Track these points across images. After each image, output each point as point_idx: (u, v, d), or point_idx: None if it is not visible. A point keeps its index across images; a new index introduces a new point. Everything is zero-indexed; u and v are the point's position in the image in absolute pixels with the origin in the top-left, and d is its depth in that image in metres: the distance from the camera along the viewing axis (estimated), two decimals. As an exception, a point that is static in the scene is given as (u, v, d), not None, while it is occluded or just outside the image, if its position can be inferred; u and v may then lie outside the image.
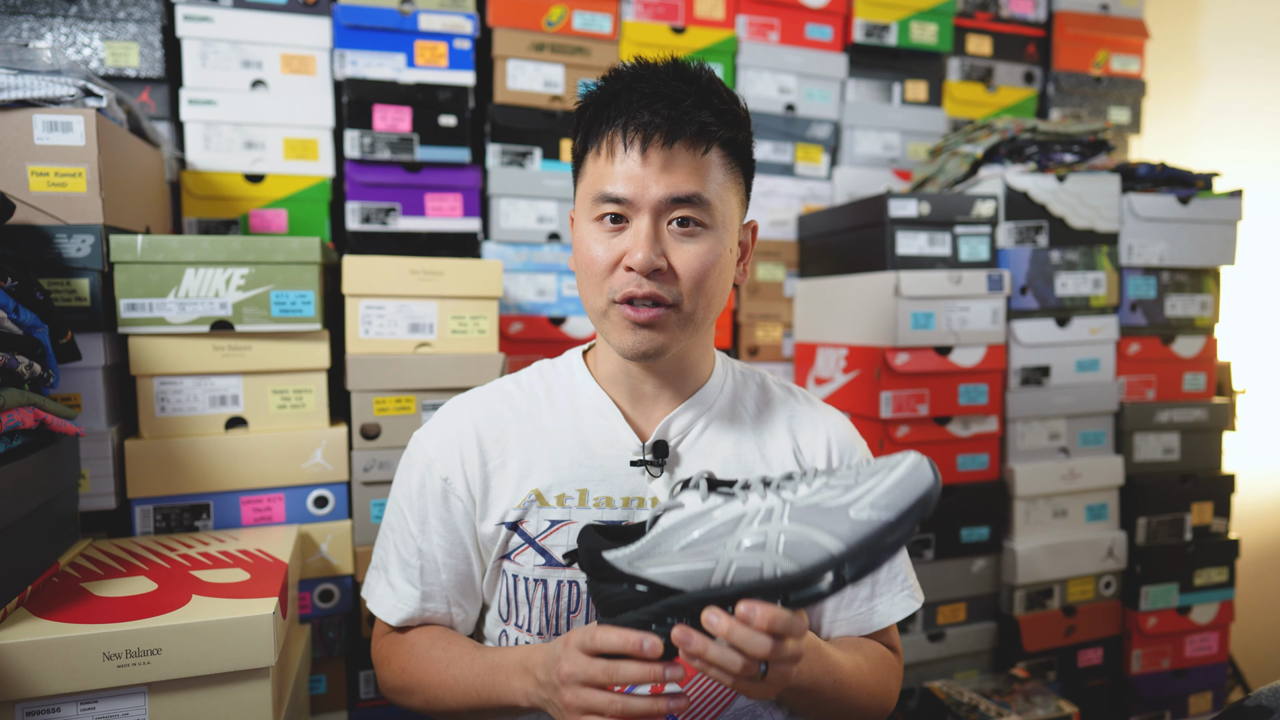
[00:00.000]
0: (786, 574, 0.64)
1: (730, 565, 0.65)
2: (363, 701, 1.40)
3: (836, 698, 0.82)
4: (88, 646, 0.82)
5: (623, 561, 0.69)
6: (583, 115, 0.86)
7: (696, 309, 0.84)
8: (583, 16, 1.69)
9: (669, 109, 0.80)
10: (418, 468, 0.92)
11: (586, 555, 0.71)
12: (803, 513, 0.65)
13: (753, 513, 0.66)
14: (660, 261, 0.81)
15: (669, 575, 0.67)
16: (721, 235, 0.84)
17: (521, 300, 1.68)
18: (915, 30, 1.92)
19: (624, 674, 0.68)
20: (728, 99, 0.85)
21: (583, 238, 0.85)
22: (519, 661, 0.80)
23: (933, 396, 1.57)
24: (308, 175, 1.56)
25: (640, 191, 0.80)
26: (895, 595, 0.93)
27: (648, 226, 0.81)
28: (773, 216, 1.88)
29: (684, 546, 0.67)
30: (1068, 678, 1.71)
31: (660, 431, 0.90)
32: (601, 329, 0.87)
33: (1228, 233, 1.74)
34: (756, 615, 0.63)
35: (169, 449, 1.19)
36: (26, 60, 1.11)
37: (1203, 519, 1.76)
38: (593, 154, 0.85)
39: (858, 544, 0.62)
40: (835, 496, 0.65)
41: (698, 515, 0.68)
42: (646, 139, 0.80)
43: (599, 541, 0.71)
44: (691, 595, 0.67)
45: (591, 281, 0.85)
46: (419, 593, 0.91)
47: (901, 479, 0.63)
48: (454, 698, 0.85)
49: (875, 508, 0.63)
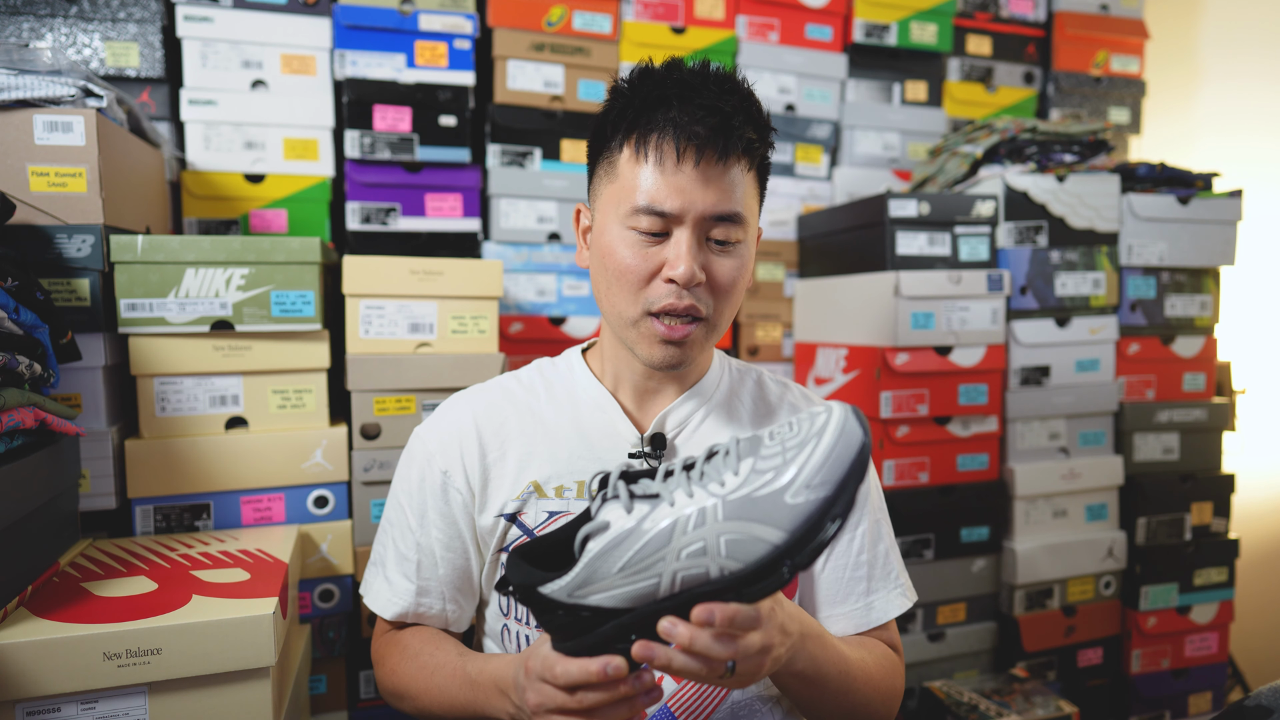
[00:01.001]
0: (734, 573, 0.62)
1: (675, 575, 0.63)
2: (363, 701, 1.40)
3: (842, 690, 0.82)
4: (88, 646, 0.83)
5: (561, 594, 0.65)
6: (624, 114, 0.83)
7: (722, 319, 0.87)
8: (583, 16, 1.69)
9: (722, 124, 0.79)
10: (417, 462, 0.92)
11: (521, 591, 0.67)
12: (737, 507, 0.61)
13: (684, 519, 0.62)
14: (702, 275, 0.82)
15: (614, 599, 0.64)
16: (750, 247, 0.87)
17: (521, 300, 1.68)
18: (915, 30, 1.92)
19: (593, 700, 0.67)
20: (765, 114, 0.86)
21: (614, 244, 0.83)
22: (494, 681, 0.79)
23: (933, 396, 1.57)
24: (308, 175, 1.56)
25: (687, 205, 0.80)
26: (891, 592, 0.93)
27: (691, 238, 0.81)
28: (773, 216, 1.88)
29: (622, 568, 0.63)
30: (1068, 678, 1.71)
31: (658, 424, 0.91)
32: (627, 338, 0.86)
33: (1227, 233, 1.74)
34: (716, 618, 0.61)
35: (169, 449, 1.19)
36: (27, 60, 1.11)
37: (1202, 519, 1.76)
38: (633, 155, 0.82)
39: (801, 528, 0.60)
40: (768, 482, 0.61)
41: (628, 533, 0.64)
42: (699, 152, 0.79)
43: (530, 575, 0.67)
44: (642, 611, 0.64)
45: (624, 290, 0.83)
46: (415, 587, 0.92)
47: (832, 446, 0.60)
48: (440, 708, 0.86)
49: (810, 487, 0.59)
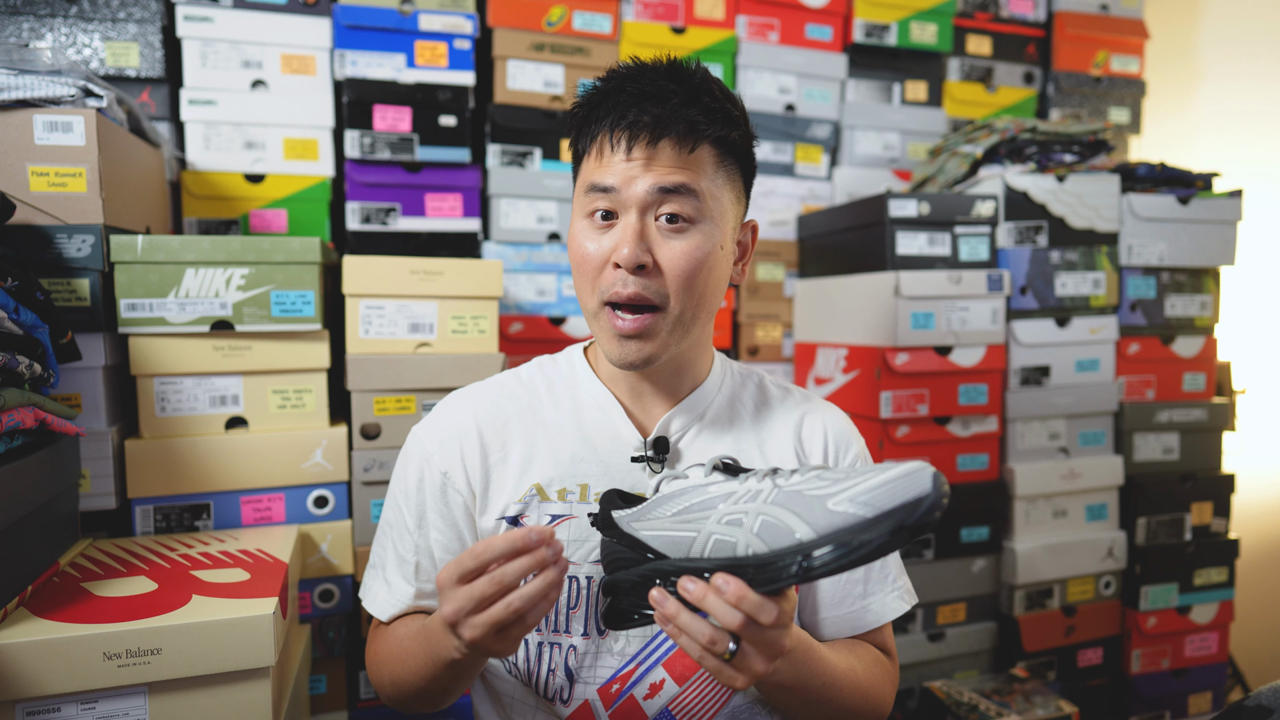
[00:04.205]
0: (756, 554, 0.64)
1: (710, 538, 0.67)
2: (363, 701, 1.40)
3: (827, 699, 0.82)
4: (88, 646, 0.83)
5: (624, 520, 0.74)
6: (574, 117, 0.88)
7: (685, 309, 0.84)
8: (583, 17, 1.69)
9: (656, 107, 0.80)
10: (415, 462, 0.91)
11: (600, 513, 0.77)
12: (785, 497, 0.65)
13: (740, 492, 0.68)
14: (646, 257, 0.81)
15: (656, 538, 0.71)
16: (711, 232, 0.83)
17: (521, 300, 1.68)
18: (915, 30, 1.92)
19: (511, 570, 0.66)
20: (720, 97, 0.85)
21: (575, 235, 0.86)
22: (439, 620, 0.75)
23: (933, 396, 1.57)
24: (308, 175, 1.56)
25: (626, 185, 0.81)
26: (887, 595, 0.93)
27: (634, 221, 0.81)
28: (773, 216, 1.88)
29: (675, 513, 0.70)
30: (1067, 677, 1.71)
31: (662, 428, 0.91)
32: (594, 330, 0.87)
33: (1227, 233, 1.74)
34: (729, 589, 0.63)
35: (169, 449, 1.19)
36: (27, 60, 1.11)
37: (1202, 519, 1.76)
38: (586, 156, 0.86)
39: (828, 535, 0.60)
40: (823, 487, 0.63)
41: (695, 487, 0.71)
42: (633, 137, 0.80)
43: (614, 502, 0.78)
44: (672, 562, 0.69)
45: (584, 279, 0.85)
46: (414, 590, 0.91)
47: (891, 480, 0.60)
48: (411, 673, 0.82)
49: (854, 503, 0.60)
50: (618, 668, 0.86)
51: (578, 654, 0.86)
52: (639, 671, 0.86)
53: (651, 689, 0.86)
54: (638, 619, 0.75)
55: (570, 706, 0.86)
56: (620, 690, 0.86)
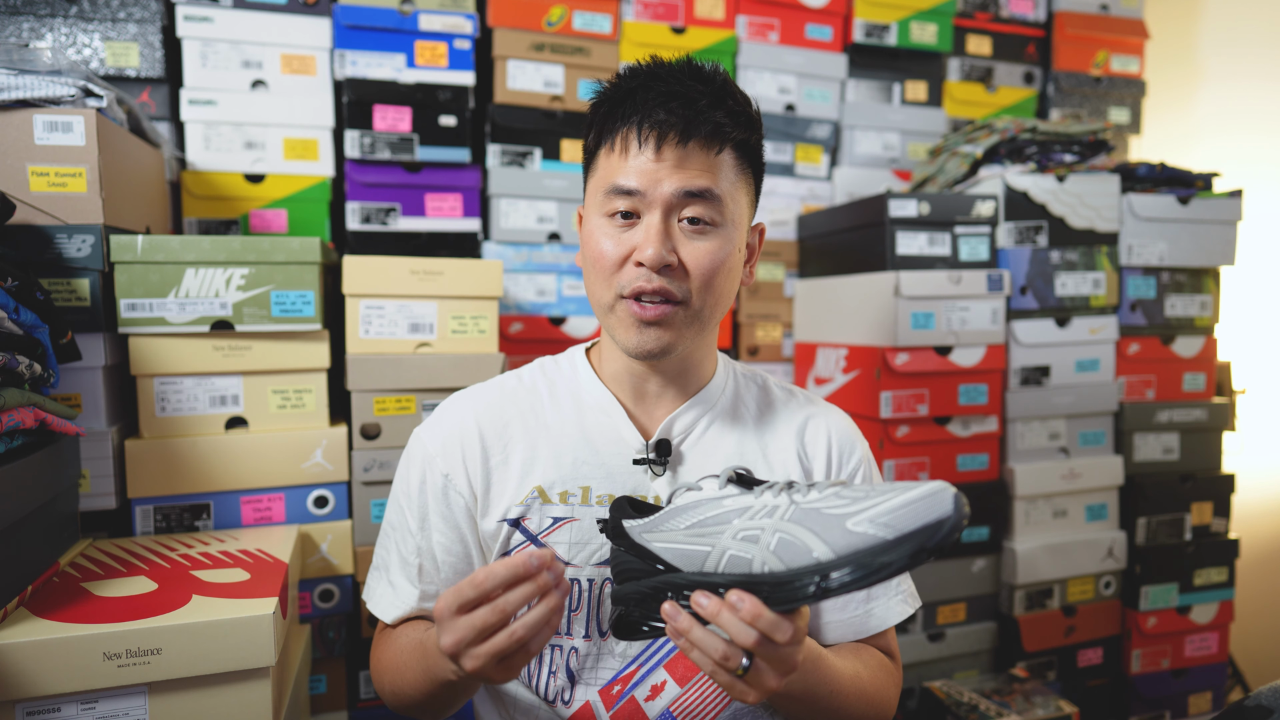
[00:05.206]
0: (773, 573, 0.63)
1: (724, 554, 0.66)
2: (363, 701, 1.40)
3: (834, 706, 0.82)
4: (88, 646, 0.83)
5: (635, 531, 0.73)
6: (597, 111, 0.87)
7: (704, 307, 0.85)
8: (583, 16, 1.69)
9: (684, 108, 0.80)
10: (417, 464, 0.91)
11: (611, 522, 0.76)
12: (803, 515, 0.63)
13: (758, 507, 0.66)
14: (671, 257, 0.81)
15: (668, 551, 0.70)
16: (731, 234, 0.85)
17: (521, 300, 1.68)
18: (915, 30, 1.92)
19: (513, 598, 0.65)
20: (742, 101, 0.86)
21: (592, 232, 0.86)
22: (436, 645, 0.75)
23: (933, 396, 1.57)
24: (308, 175, 1.56)
25: (652, 185, 0.81)
26: (891, 599, 0.93)
27: (659, 221, 0.81)
28: (773, 216, 1.88)
29: (689, 526, 0.69)
30: (1067, 678, 1.71)
31: (664, 430, 0.90)
32: (608, 324, 0.87)
33: (1227, 233, 1.74)
34: (744, 606, 0.62)
35: (169, 449, 1.19)
36: (27, 60, 1.11)
37: (1202, 519, 1.76)
38: (605, 149, 0.85)
39: (847, 556, 0.60)
40: (841, 506, 0.62)
41: (709, 500, 0.70)
42: (661, 136, 0.80)
43: (625, 511, 0.76)
44: (685, 576, 0.68)
45: (600, 276, 0.85)
46: (418, 592, 0.91)
47: (912, 501, 0.59)
48: (409, 686, 0.83)
49: (874, 524, 0.59)
50: (619, 669, 0.86)
51: (579, 656, 0.86)
52: (640, 673, 0.86)
53: (653, 690, 0.86)
54: (647, 630, 0.74)
55: (571, 708, 0.86)
56: (621, 692, 0.86)
